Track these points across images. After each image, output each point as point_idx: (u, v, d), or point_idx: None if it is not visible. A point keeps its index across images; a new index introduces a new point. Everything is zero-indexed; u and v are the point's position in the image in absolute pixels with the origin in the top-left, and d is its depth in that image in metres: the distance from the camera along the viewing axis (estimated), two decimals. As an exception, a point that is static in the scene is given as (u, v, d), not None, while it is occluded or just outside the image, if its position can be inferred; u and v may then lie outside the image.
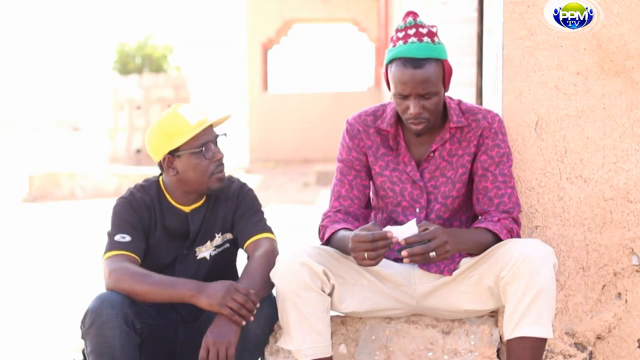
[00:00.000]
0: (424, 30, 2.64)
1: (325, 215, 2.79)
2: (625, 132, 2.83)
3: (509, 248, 2.59)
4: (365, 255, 2.47)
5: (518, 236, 2.70)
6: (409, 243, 2.47)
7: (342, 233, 2.67)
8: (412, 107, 2.63)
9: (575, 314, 2.89)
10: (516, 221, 2.70)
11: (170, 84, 15.89)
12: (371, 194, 2.88)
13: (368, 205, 2.86)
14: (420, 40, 2.62)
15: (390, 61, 2.65)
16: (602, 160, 2.84)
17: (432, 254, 2.47)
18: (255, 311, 2.60)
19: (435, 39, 2.65)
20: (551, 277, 2.53)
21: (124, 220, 2.78)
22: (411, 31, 2.64)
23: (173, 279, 2.67)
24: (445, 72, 2.65)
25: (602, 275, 2.87)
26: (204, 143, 2.78)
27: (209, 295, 2.59)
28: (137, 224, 2.79)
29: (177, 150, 2.77)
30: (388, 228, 2.50)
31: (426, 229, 2.50)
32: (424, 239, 2.47)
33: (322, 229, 2.77)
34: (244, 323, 2.58)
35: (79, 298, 5.42)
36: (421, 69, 2.60)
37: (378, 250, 2.46)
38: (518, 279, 2.53)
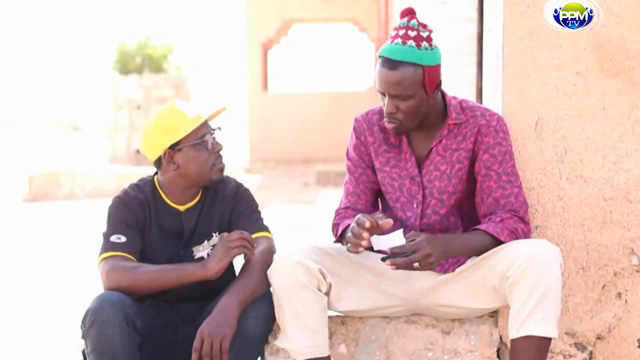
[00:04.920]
0: (412, 34, 2.64)
1: (337, 213, 2.84)
2: (625, 132, 2.83)
3: (515, 247, 2.59)
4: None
5: (526, 235, 2.68)
6: (394, 253, 2.52)
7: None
8: (386, 105, 2.67)
9: (575, 314, 2.89)
10: (523, 220, 2.69)
11: (170, 84, 15.85)
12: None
13: (377, 201, 2.90)
14: (404, 43, 2.63)
15: (379, 57, 2.69)
16: (602, 160, 2.84)
17: (416, 264, 2.51)
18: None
19: (423, 43, 2.63)
20: (558, 277, 2.53)
21: (118, 220, 2.79)
22: (401, 32, 2.66)
23: (174, 265, 2.71)
24: (425, 78, 2.64)
25: (602, 275, 2.87)
26: (203, 135, 2.80)
27: (213, 258, 2.65)
28: (132, 223, 2.79)
29: (177, 144, 2.78)
30: (375, 237, 2.54)
31: (413, 240, 2.52)
32: (407, 251, 2.51)
33: (334, 227, 2.81)
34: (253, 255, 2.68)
35: (79, 298, 5.41)
36: (394, 70, 2.63)
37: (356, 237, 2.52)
38: (525, 278, 2.52)
